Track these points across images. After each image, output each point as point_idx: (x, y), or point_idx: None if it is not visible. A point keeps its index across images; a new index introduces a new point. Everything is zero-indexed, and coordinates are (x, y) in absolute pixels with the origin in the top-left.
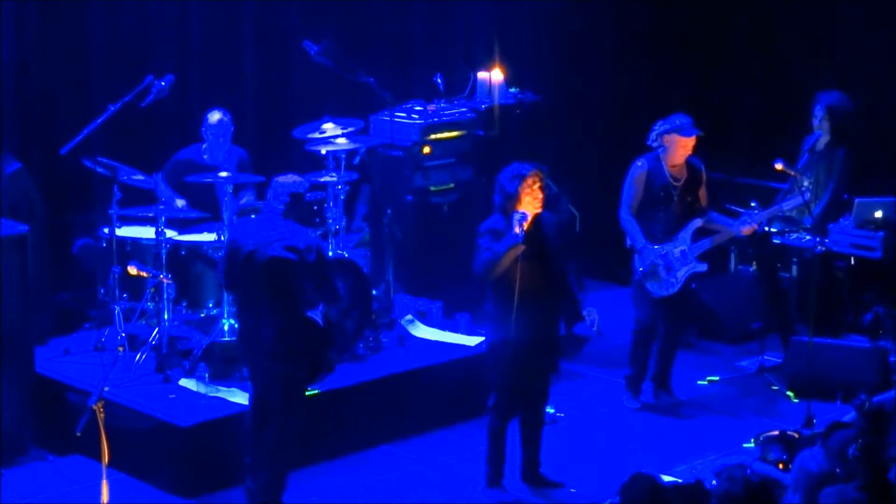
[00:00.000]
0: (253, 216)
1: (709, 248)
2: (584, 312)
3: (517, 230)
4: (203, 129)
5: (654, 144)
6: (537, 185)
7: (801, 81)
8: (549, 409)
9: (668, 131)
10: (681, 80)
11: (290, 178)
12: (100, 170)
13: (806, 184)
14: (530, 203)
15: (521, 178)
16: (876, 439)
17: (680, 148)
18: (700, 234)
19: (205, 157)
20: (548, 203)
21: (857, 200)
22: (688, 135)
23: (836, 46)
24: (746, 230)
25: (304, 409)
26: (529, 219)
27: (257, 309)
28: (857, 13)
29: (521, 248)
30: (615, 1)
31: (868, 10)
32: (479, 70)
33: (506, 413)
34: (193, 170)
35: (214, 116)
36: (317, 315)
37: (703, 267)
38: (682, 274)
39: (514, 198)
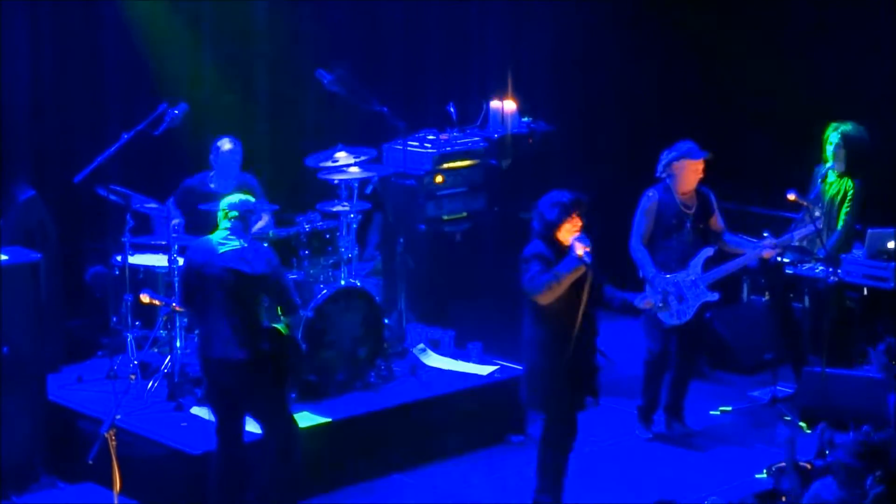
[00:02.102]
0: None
1: (720, 277)
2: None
3: (580, 252)
4: (212, 156)
5: (664, 175)
6: (577, 212)
7: (813, 111)
8: None
9: (676, 158)
10: (693, 110)
11: (237, 197)
12: (113, 198)
13: (818, 214)
14: (570, 230)
15: (561, 205)
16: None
17: (690, 173)
18: (712, 262)
19: (211, 185)
20: None
21: (869, 231)
22: (696, 157)
23: (849, 76)
24: (767, 253)
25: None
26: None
27: (215, 322)
28: (869, 44)
29: (583, 270)
30: (628, 32)
31: (881, 41)
32: (492, 99)
33: (567, 444)
34: (199, 197)
35: (225, 145)
36: (279, 326)
37: (715, 296)
38: (693, 303)
39: (553, 225)
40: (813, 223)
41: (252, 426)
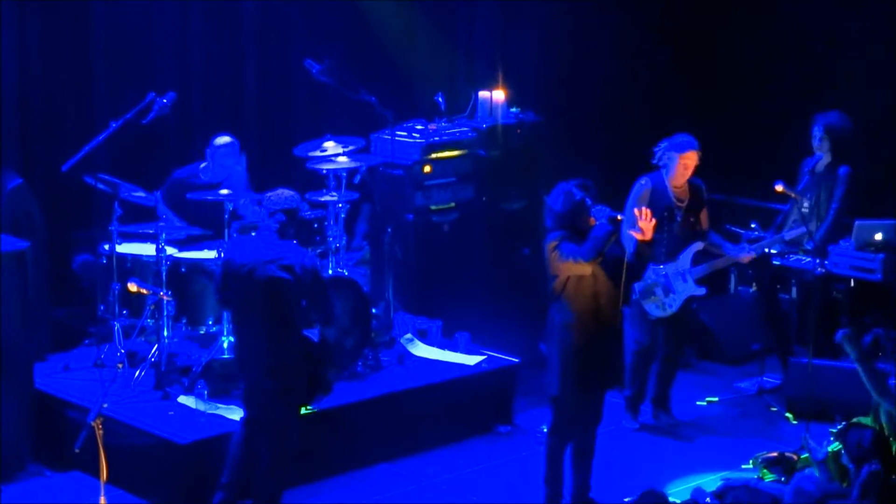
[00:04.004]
0: (253, 234)
1: (707, 272)
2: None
3: (619, 218)
4: (208, 149)
5: (661, 163)
6: (584, 196)
7: (802, 101)
8: (544, 428)
9: (666, 149)
10: (682, 101)
11: (282, 195)
12: (101, 186)
13: (806, 205)
14: (581, 217)
15: (566, 193)
16: (884, 464)
17: (679, 167)
18: (701, 256)
19: (202, 177)
20: None
21: (856, 223)
22: (682, 151)
23: (838, 66)
24: (745, 258)
25: (299, 428)
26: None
27: (253, 327)
28: (858, 33)
29: (616, 233)
30: (617, 22)
31: (869, 30)
32: (481, 90)
33: (566, 432)
34: (190, 189)
35: (220, 140)
36: (313, 335)
37: (702, 291)
38: (679, 296)
39: (564, 215)
40: (802, 220)
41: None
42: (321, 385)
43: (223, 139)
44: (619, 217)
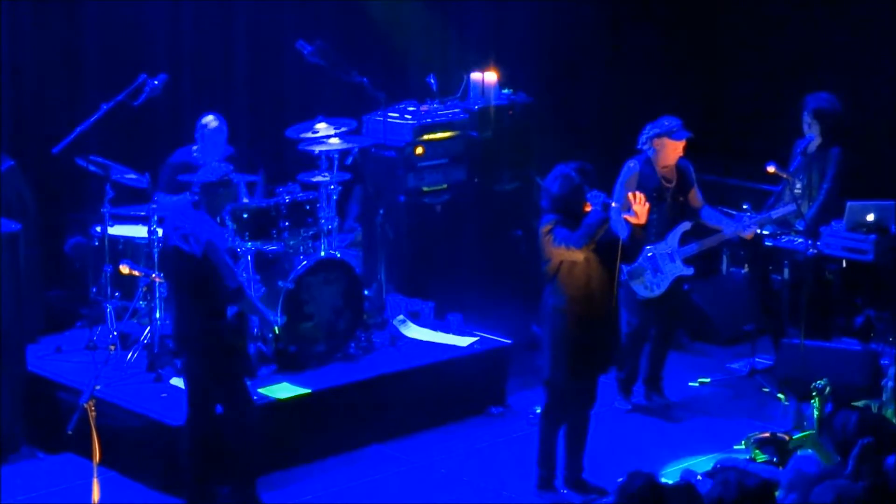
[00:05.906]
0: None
1: (696, 251)
2: None
3: (612, 204)
4: (198, 133)
5: (645, 148)
6: (582, 181)
7: (794, 81)
8: (537, 409)
9: (658, 135)
10: (673, 82)
11: (206, 169)
12: (92, 168)
13: (798, 186)
14: (577, 201)
15: (564, 177)
16: (877, 439)
17: (671, 151)
18: (691, 236)
19: (195, 155)
20: None
21: (848, 204)
22: (679, 138)
23: (829, 46)
24: (748, 234)
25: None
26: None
27: (170, 294)
28: (850, 11)
29: (608, 221)
30: (609, 3)
31: (862, 9)
32: (473, 71)
33: (559, 415)
34: (189, 171)
35: (211, 122)
36: (232, 310)
37: (690, 270)
38: (667, 277)
39: (560, 198)
40: (794, 201)
41: None
42: (239, 359)
43: (211, 122)
44: (613, 203)
